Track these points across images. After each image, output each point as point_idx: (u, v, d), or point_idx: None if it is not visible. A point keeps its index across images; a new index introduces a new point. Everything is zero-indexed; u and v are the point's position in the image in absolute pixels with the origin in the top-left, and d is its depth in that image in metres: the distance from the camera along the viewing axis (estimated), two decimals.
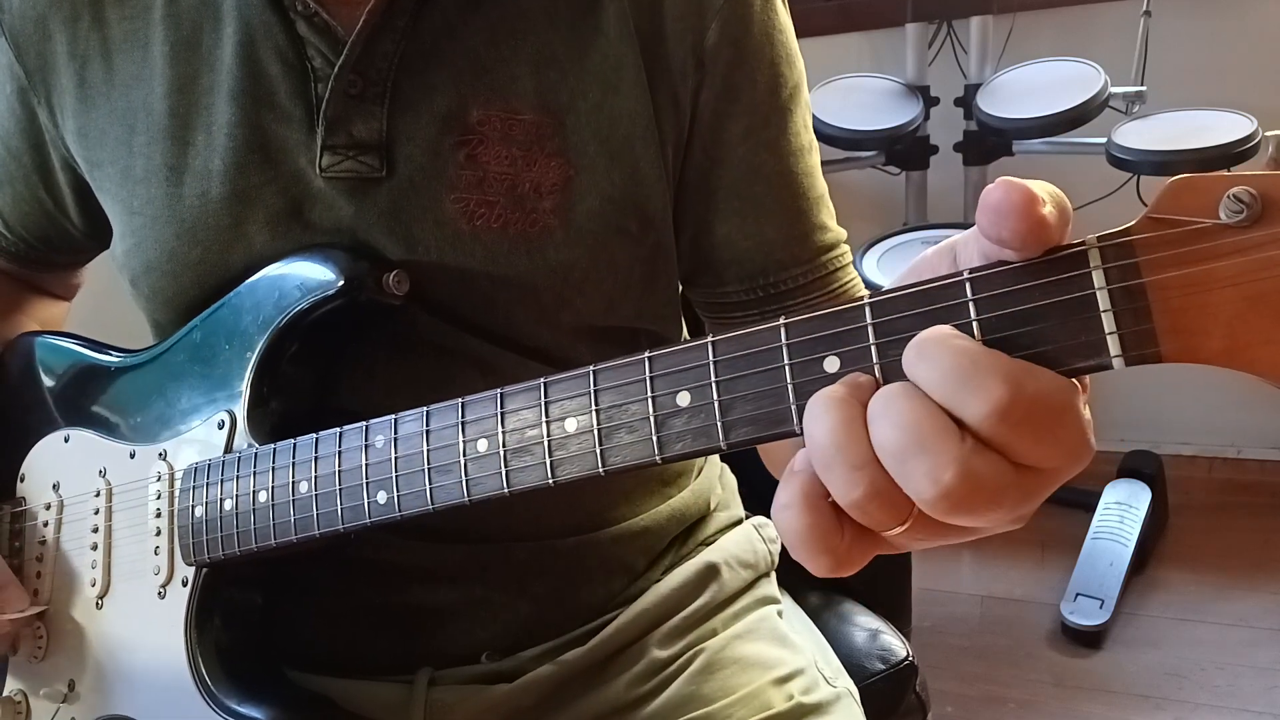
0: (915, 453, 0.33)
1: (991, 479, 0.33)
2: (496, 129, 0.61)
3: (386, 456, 0.52)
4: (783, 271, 0.66)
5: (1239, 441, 2.23)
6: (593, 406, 0.44)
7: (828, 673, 0.74)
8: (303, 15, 0.60)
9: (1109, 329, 0.34)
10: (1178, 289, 0.33)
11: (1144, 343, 0.34)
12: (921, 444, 0.33)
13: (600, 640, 0.69)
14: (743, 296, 0.68)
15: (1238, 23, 1.99)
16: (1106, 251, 0.34)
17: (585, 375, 0.45)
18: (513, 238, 0.61)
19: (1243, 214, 0.32)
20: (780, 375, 0.39)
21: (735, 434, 0.41)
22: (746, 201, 0.65)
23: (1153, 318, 0.33)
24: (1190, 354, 0.33)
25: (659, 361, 0.42)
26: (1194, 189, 0.33)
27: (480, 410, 0.48)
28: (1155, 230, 0.33)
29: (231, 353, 0.62)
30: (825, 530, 0.36)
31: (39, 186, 0.72)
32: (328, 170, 0.61)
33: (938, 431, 0.33)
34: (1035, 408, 0.33)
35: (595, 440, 0.44)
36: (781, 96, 0.65)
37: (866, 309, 0.38)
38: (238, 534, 0.58)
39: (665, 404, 0.42)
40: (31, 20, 0.66)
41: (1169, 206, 0.33)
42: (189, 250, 0.63)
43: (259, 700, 0.60)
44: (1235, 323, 0.32)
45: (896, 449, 0.34)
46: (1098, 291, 0.34)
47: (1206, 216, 0.33)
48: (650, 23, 0.62)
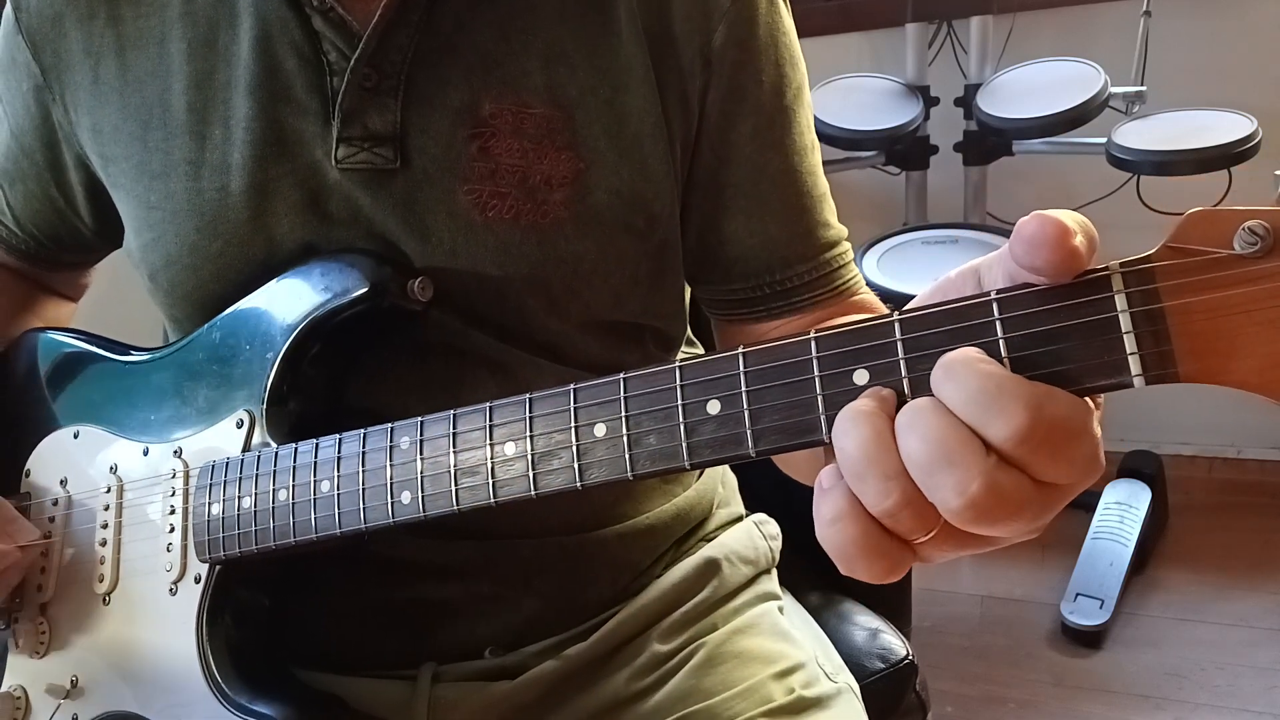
0: (943, 466, 0.35)
1: (1014, 492, 0.35)
2: (508, 122, 0.62)
3: (412, 458, 0.53)
4: (788, 269, 0.68)
5: (1239, 441, 2.23)
6: (623, 413, 0.45)
7: (829, 668, 0.74)
8: (318, 10, 0.61)
9: (1130, 349, 0.36)
10: (1196, 314, 0.35)
11: (1164, 363, 0.35)
12: (949, 458, 0.35)
13: (602, 635, 0.69)
14: (749, 294, 0.69)
15: (1238, 23, 2.00)
16: (1129, 277, 0.36)
17: (616, 382, 0.46)
18: (524, 229, 0.62)
19: (1256, 245, 0.34)
20: (810, 386, 0.41)
21: (763, 442, 0.42)
22: (753, 200, 0.67)
23: (1172, 340, 0.35)
24: (1206, 375, 0.35)
25: (689, 370, 0.44)
26: (1210, 221, 0.35)
27: (508, 415, 0.49)
28: (1174, 259, 0.36)
29: (252, 353, 0.62)
30: (877, 536, 0.38)
31: (50, 184, 0.73)
32: (343, 162, 0.62)
33: (964, 446, 0.35)
34: (1054, 430, 0.35)
35: (625, 445, 0.45)
36: (787, 97, 0.67)
37: (896, 325, 0.39)
38: (256, 531, 0.59)
39: (695, 411, 0.43)
40: (48, 19, 0.67)
41: (1186, 237, 0.35)
42: (209, 243, 0.64)
43: (270, 698, 0.60)
44: (1249, 347, 0.35)
45: (925, 462, 0.35)
46: (1120, 314, 0.36)
47: (1222, 247, 0.35)
48: (659, 23, 0.63)
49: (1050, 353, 0.37)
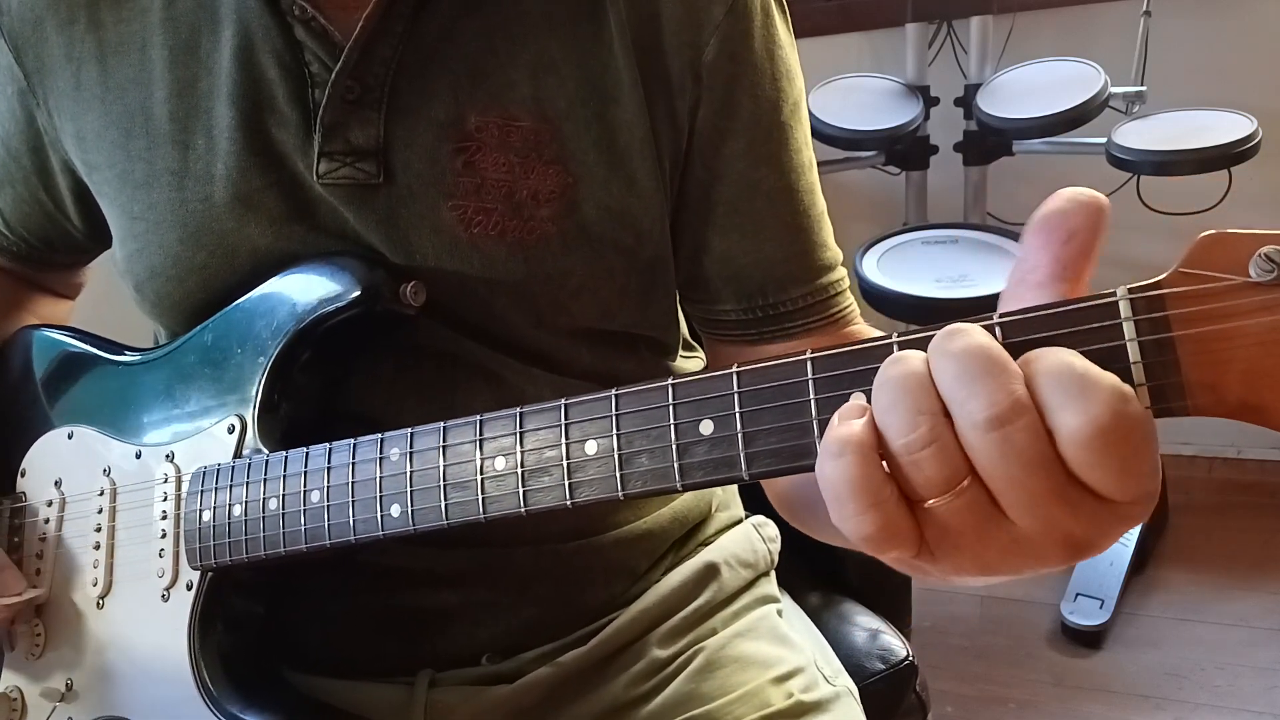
0: (977, 386, 0.33)
1: (1046, 463, 0.33)
2: (494, 135, 0.60)
3: (401, 470, 0.52)
4: (781, 292, 0.66)
5: (1239, 441, 2.23)
6: (614, 430, 0.44)
7: (827, 671, 0.74)
8: (300, 20, 0.59)
9: (1138, 381, 0.34)
10: (1207, 344, 0.33)
11: (1172, 395, 0.34)
12: (986, 371, 0.33)
13: (600, 640, 0.69)
14: (740, 315, 0.67)
15: (1238, 23, 2.00)
16: (1137, 304, 0.34)
17: (607, 399, 0.45)
18: (509, 245, 0.60)
19: (1273, 273, 0.32)
20: (805, 410, 0.39)
21: (757, 465, 0.40)
22: (746, 217, 0.65)
23: (1181, 371, 0.34)
24: (1216, 408, 0.34)
25: (682, 389, 0.42)
26: (1224, 245, 0.33)
27: (499, 428, 0.48)
28: (1185, 285, 0.34)
29: (243, 357, 0.62)
30: (878, 482, 0.35)
31: (39, 188, 0.72)
32: (325, 177, 0.60)
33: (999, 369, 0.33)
34: (1131, 430, 0.32)
35: (615, 464, 0.44)
36: (782, 112, 0.64)
37: (896, 347, 0.38)
38: (246, 540, 0.58)
39: (687, 431, 0.42)
40: (30, 22, 0.66)
41: (1199, 261, 0.34)
42: (193, 255, 0.63)
43: (261, 705, 0.60)
44: (1263, 380, 0.33)
45: (960, 382, 0.34)
46: (1128, 343, 0.34)
47: (1236, 273, 0.33)
48: (649, 35, 0.61)
49: None
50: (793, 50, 0.66)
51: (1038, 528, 0.35)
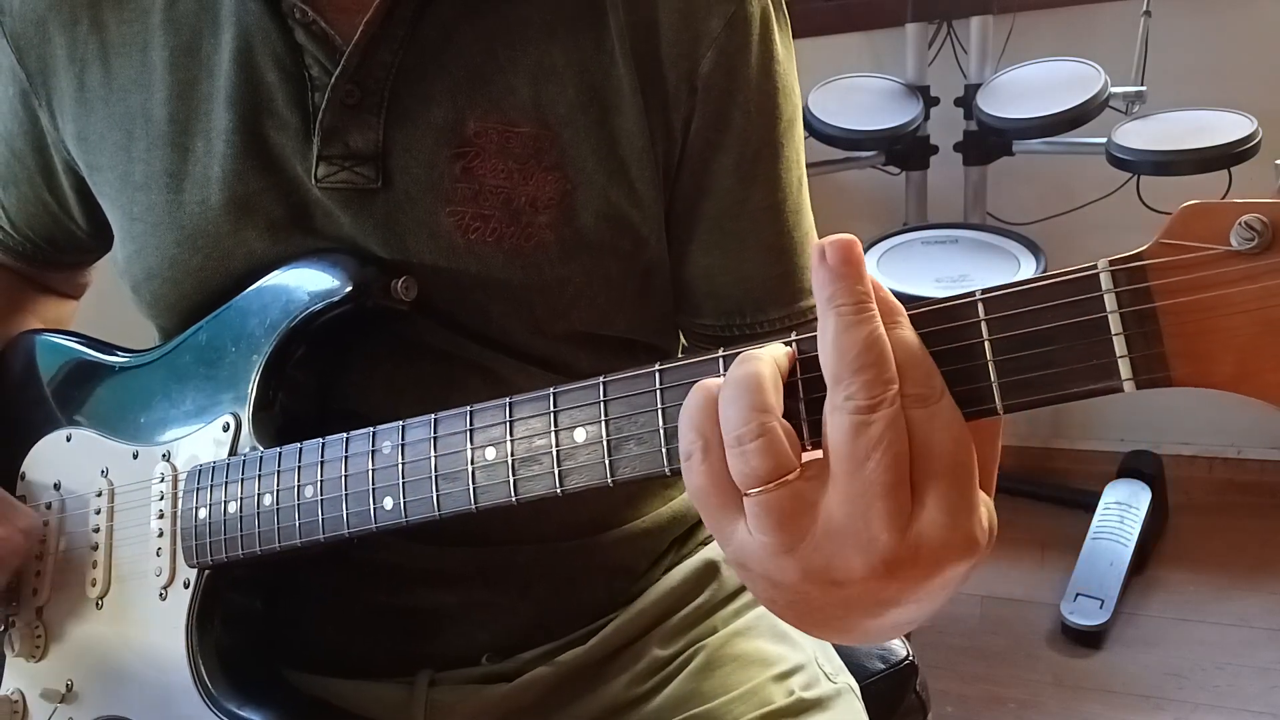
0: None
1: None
2: (493, 141, 0.60)
3: (394, 463, 0.52)
4: (760, 313, 0.66)
5: (1239, 441, 2.23)
6: (602, 417, 0.44)
7: (828, 669, 0.73)
8: (301, 23, 0.59)
9: (1120, 352, 0.34)
10: (1189, 314, 0.33)
11: (1155, 366, 0.34)
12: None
13: (600, 639, 0.69)
14: (719, 333, 0.67)
15: (1238, 23, 1.99)
16: (1118, 275, 0.34)
17: (595, 386, 0.45)
18: (507, 252, 0.60)
19: (1254, 241, 0.32)
20: (794, 390, 0.40)
21: None
22: (729, 235, 0.64)
23: (1164, 342, 0.34)
24: (1200, 378, 0.34)
25: (670, 374, 0.43)
26: (1205, 215, 0.34)
27: (489, 419, 0.48)
28: (1167, 255, 0.34)
29: (238, 355, 0.62)
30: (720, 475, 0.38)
31: (43, 188, 0.72)
32: (323, 181, 0.60)
33: None
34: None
35: (604, 451, 0.44)
36: (776, 130, 0.64)
37: None
38: (241, 537, 0.58)
39: (675, 416, 0.42)
40: (32, 23, 0.66)
41: (1180, 232, 0.34)
42: (190, 257, 0.63)
43: (259, 704, 0.60)
44: (1246, 348, 0.33)
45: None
46: (1109, 315, 0.34)
47: (1218, 243, 0.33)
48: (647, 45, 0.61)
49: (1037, 355, 0.35)
50: (791, 65, 0.65)
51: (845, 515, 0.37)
